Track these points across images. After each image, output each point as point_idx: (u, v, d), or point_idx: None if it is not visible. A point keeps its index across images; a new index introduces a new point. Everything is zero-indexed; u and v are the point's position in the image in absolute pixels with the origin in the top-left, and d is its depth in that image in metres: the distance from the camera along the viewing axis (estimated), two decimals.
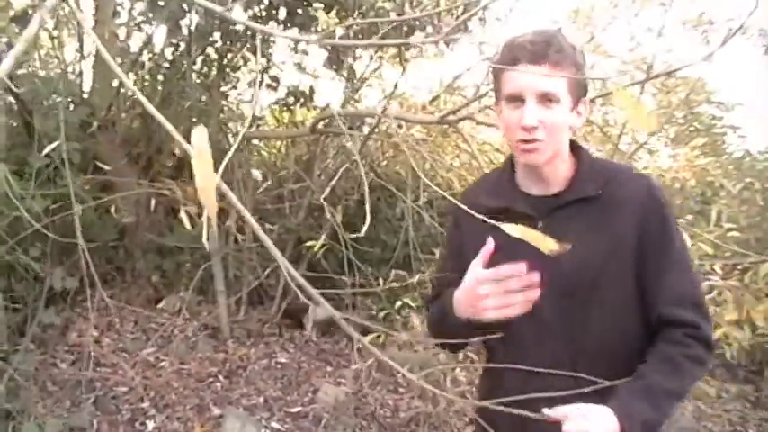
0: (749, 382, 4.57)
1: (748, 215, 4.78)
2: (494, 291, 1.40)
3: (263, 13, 4.83)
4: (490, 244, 1.44)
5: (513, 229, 1.11)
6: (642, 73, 4.57)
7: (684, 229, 3.77)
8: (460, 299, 1.49)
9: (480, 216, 1.25)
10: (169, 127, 1.15)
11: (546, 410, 1.32)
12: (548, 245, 1.08)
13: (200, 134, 0.84)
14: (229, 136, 5.70)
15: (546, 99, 1.47)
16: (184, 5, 4.32)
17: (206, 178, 0.81)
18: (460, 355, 4.08)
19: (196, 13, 4.44)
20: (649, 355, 1.47)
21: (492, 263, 1.43)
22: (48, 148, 3.12)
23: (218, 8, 1.67)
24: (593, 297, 1.51)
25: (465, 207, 1.38)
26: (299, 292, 1.02)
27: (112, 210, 4.25)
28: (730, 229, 3.93)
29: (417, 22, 4.34)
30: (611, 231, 1.51)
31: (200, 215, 4.61)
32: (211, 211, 0.78)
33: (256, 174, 4.61)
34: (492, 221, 1.15)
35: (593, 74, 4.73)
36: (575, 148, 1.61)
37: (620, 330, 1.53)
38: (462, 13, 4.99)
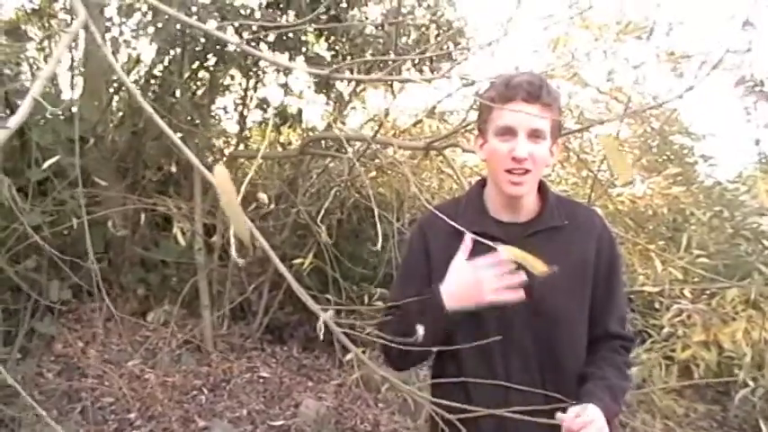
0: (716, 402, 4.72)
1: (717, 242, 4.94)
2: (494, 274, 1.58)
3: (252, 36, 4.88)
4: (468, 242, 1.63)
5: (507, 251, 1.23)
6: (618, 103, 4.72)
7: (656, 255, 3.94)
8: (455, 290, 1.63)
9: (475, 236, 1.42)
10: (172, 136, 1.26)
11: (559, 415, 1.50)
12: (537, 266, 1.22)
13: (221, 173, 0.93)
14: (214, 152, 5.80)
15: (535, 135, 1.64)
16: (180, 26, 4.40)
17: (235, 213, 0.92)
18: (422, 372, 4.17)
19: (191, 36, 4.53)
20: (600, 360, 1.72)
21: None
22: (47, 163, 3.21)
23: (222, 35, 1.80)
24: (561, 316, 1.69)
25: (455, 224, 1.54)
26: (310, 306, 1.15)
27: (109, 224, 4.32)
28: (699, 256, 4.07)
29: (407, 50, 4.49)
30: (577, 258, 1.71)
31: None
32: (246, 240, 0.90)
33: (263, 197, 4.70)
34: (489, 242, 1.31)
35: (572, 103, 4.91)
36: (539, 183, 1.78)
37: (578, 343, 1.74)
38: (447, 40, 5.16)
